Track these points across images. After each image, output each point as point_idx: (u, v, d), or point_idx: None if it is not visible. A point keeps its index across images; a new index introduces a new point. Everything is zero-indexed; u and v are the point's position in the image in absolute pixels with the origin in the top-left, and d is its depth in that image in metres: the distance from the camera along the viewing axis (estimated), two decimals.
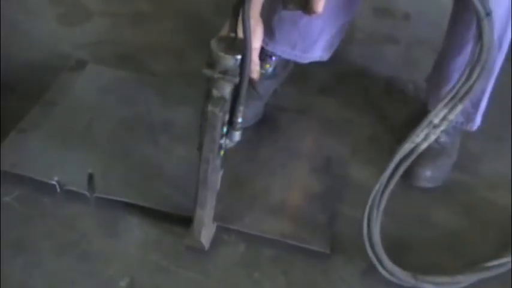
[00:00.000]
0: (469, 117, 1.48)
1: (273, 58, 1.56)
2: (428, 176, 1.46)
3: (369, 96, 1.72)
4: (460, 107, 1.12)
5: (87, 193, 1.36)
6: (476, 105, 1.46)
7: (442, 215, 1.42)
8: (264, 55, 1.52)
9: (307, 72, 1.75)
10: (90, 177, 1.38)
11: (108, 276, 1.24)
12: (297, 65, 1.61)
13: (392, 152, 1.16)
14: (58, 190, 1.36)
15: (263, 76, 1.54)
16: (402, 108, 1.68)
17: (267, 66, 1.56)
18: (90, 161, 1.41)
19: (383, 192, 1.19)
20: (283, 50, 1.55)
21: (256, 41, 1.20)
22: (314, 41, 1.53)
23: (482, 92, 1.43)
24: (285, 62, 1.61)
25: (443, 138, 1.47)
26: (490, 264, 1.28)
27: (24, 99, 1.56)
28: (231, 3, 1.06)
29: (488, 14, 1.02)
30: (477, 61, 1.06)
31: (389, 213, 1.24)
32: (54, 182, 1.36)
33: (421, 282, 1.24)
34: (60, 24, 1.90)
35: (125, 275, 1.24)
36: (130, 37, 1.87)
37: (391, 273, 1.24)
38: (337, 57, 1.60)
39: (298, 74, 1.70)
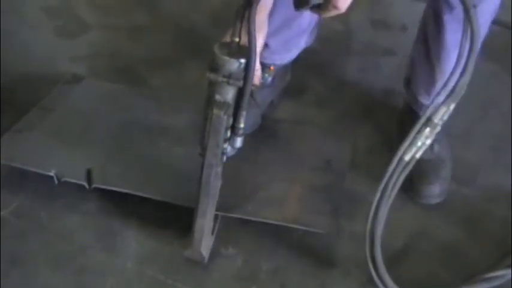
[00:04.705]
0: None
1: (272, 68, 1.58)
2: (437, 192, 1.45)
3: (366, 108, 1.72)
4: (453, 106, 1.11)
5: (85, 184, 1.35)
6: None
7: (441, 227, 1.42)
8: (263, 65, 1.53)
9: (304, 85, 1.75)
10: (89, 172, 1.37)
11: None
12: (294, 78, 1.61)
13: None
14: (56, 182, 1.36)
15: (262, 85, 1.56)
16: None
17: (266, 75, 1.58)
18: (87, 158, 1.41)
19: (381, 205, 1.18)
20: (281, 58, 1.57)
21: (257, 47, 1.21)
22: (303, 33, 1.55)
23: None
24: (283, 72, 1.63)
25: (437, 149, 1.47)
26: (488, 275, 1.28)
27: (20, 112, 1.55)
28: (236, 7, 1.07)
29: (475, 5, 1.03)
30: (470, 52, 1.06)
31: (387, 225, 1.23)
32: (52, 174, 1.36)
33: None
34: (57, 37, 1.91)
35: None
36: (127, 50, 1.87)
37: None
38: (334, 68, 1.60)
39: (296, 86, 1.71)
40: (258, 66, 1.22)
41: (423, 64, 1.46)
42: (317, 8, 1.08)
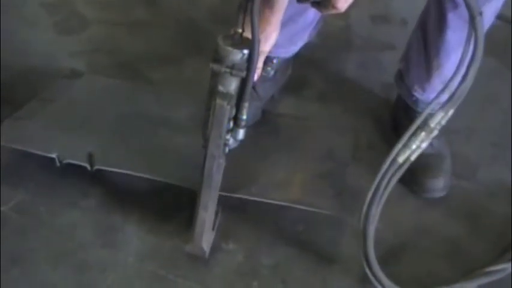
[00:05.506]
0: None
1: (275, 61, 1.58)
2: (441, 186, 1.45)
3: (366, 102, 1.72)
4: (451, 112, 1.11)
5: (87, 165, 1.35)
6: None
7: (442, 222, 1.42)
8: (266, 58, 1.54)
9: (305, 80, 1.75)
10: (90, 155, 1.37)
11: (105, 286, 1.23)
12: (295, 73, 1.60)
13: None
14: (58, 164, 1.35)
15: (264, 78, 1.56)
16: None
17: (269, 69, 1.58)
18: (89, 143, 1.41)
19: (373, 206, 1.18)
20: (286, 51, 1.57)
21: (267, 45, 1.21)
22: (309, 27, 1.56)
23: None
24: (285, 66, 1.63)
25: (436, 144, 1.46)
26: (488, 269, 1.28)
27: (20, 109, 1.55)
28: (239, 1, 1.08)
29: (481, 13, 1.03)
30: (472, 59, 1.06)
31: (386, 220, 1.23)
32: (53, 156, 1.35)
33: None
34: (57, 33, 1.90)
35: (123, 286, 1.23)
36: (127, 45, 1.87)
37: None
38: (334, 63, 1.60)
39: (296, 81, 1.70)
40: (260, 64, 1.23)
41: (420, 60, 1.46)
42: (317, 5, 1.09)
